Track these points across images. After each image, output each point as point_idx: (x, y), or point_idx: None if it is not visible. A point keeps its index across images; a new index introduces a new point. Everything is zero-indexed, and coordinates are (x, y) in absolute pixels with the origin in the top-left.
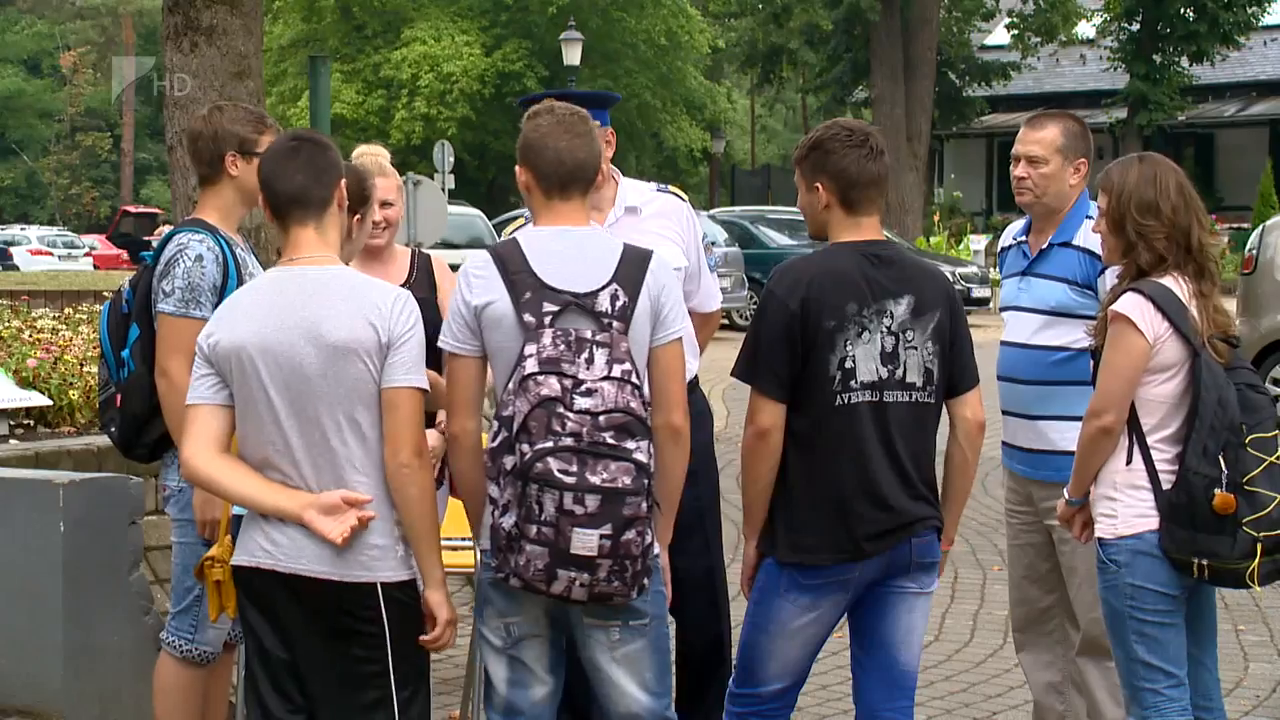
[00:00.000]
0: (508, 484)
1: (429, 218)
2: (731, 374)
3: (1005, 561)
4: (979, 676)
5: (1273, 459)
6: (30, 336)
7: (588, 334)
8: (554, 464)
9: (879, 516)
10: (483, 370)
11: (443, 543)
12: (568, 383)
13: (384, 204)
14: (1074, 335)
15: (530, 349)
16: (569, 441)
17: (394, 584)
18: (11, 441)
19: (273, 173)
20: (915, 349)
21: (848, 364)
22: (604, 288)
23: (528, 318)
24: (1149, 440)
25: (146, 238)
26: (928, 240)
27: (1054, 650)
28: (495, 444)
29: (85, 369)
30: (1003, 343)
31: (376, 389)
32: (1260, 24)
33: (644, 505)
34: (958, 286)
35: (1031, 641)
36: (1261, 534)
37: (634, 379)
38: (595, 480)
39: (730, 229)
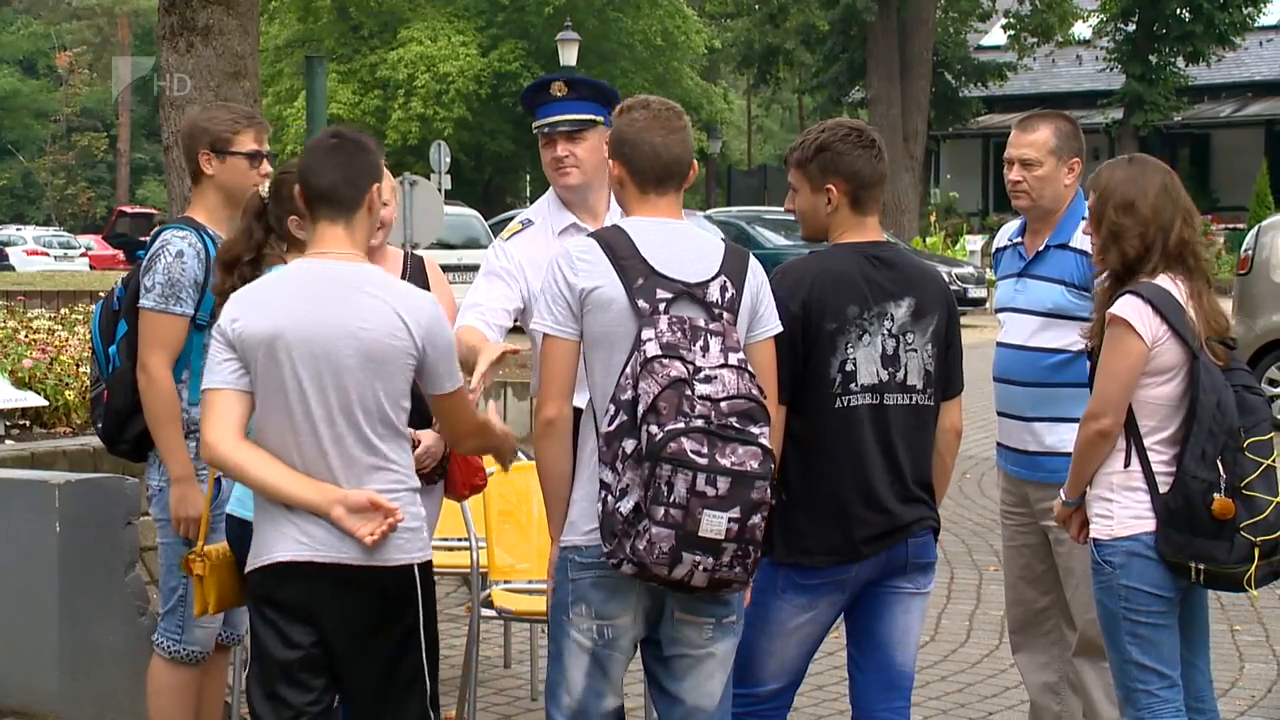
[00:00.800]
0: (628, 467)
1: (425, 218)
2: None
3: (1001, 562)
4: (975, 677)
5: (1269, 462)
6: (26, 337)
7: (701, 322)
8: (687, 444)
9: (876, 519)
10: (578, 354)
11: (436, 543)
12: (689, 368)
13: (381, 205)
14: (1071, 337)
15: (648, 333)
16: (700, 423)
17: (423, 564)
18: (7, 442)
19: (308, 167)
20: (915, 351)
21: (848, 366)
22: (714, 279)
23: (642, 303)
24: (1146, 443)
25: (142, 238)
26: (924, 240)
27: (1050, 651)
28: (612, 428)
29: (81, 369)
30: (999, 344)
31: (409, 384)
32: (1256, 24)
33: (769, 491)
34: (954, 287)
35: (1028, 642)
36: (1259, 538)
37: (749, 367)
38: (725, 463)
39: (726, 229)
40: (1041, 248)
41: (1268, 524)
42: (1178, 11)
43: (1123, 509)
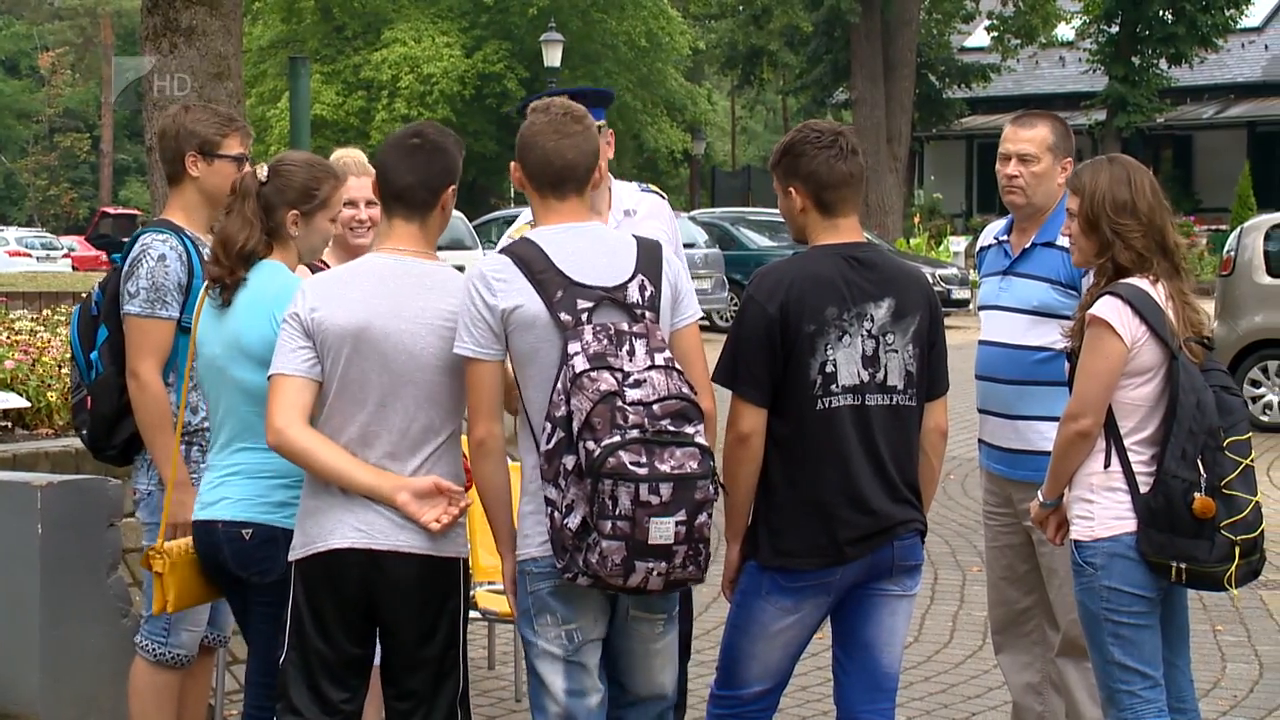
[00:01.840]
0: (571, 483)
1: None
2: (712, 379)
3: (984, 563)
4: (958, 677)
5: (1248, 462)
6: (8, 338)
7: (624, 326)
8: (625, 457)
9: (861, 520)
10: (502, 373)
11: None
12: (618, 376)
13: (370, 203)
14: (1056, 335)
15: (574, 347)
16: (635, 433)
17: (465, 559)
18: None
19: (385, 165)
20: (896, 352)
21: (828, 368)
22: (631, 279)
23: (564, 316)
24: (1126, 443)
25: (125, 239)
26: (908, 241)
27: (1032, 651)
28: (550, 445)
29: (63, 371)
30: (981, 342)
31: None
32: (1237, 26)
33: (711, 488)
34: (937, 288)
35: (1010, 643)
36: (1239, 537)
37: (677, 365)
38: (665, 468)
39: (710, 230)
40: (1028, 245)
41: (1247, 523)
42: (1160, 13)
43: (1103, 510)
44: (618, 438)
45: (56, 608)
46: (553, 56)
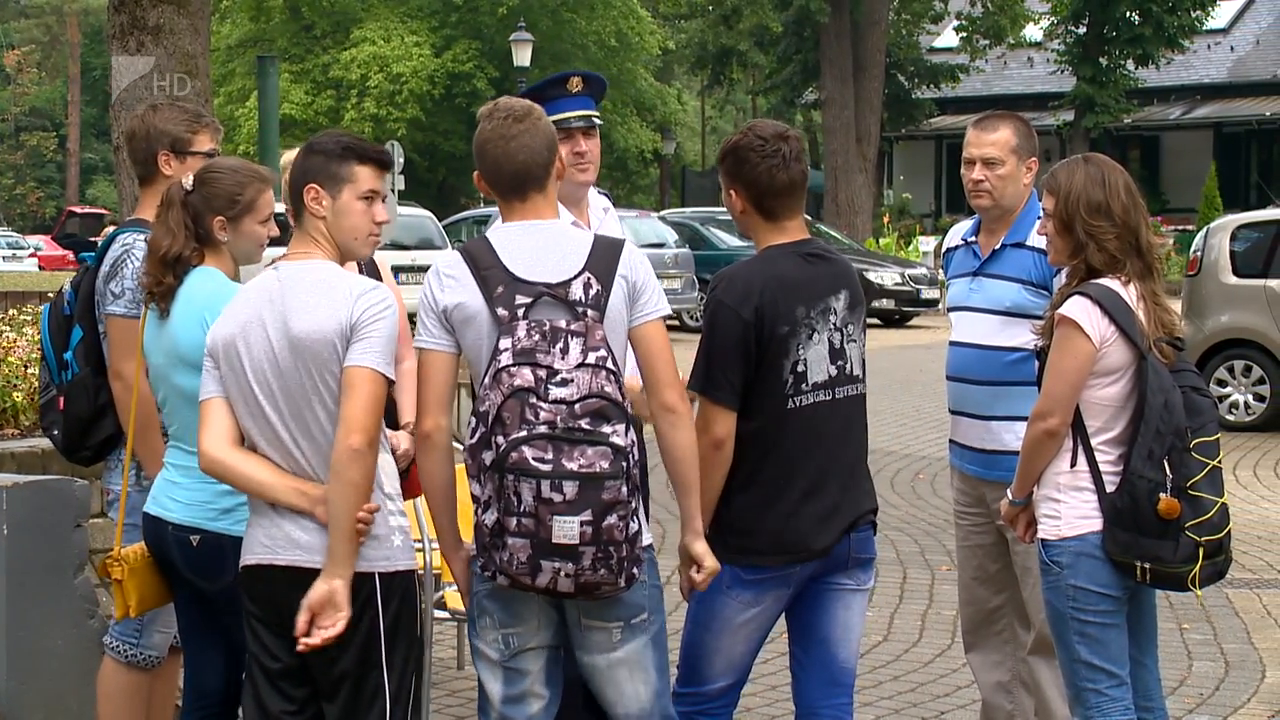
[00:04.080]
0: (487, 479)
1: None
2: (688, 387)
3: (954, 562)
4: (927, 676)
5: (1215, 463)
6: None
7: (562, 324)
8: (528, 452)
9: (823, 516)
10: (455, 367)
11: None
12: (542, 373)
13: None
14: (1029, 335)
15: (505, 343)
16: (543, 429)
17: (391, 574)
18: None
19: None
20: (855, 342)
21: (799, 367)
22: (576, 277)
23: (501, 312)
24: (1093, 443)
25: (92, 238)
26: (877, 241)
27: (1002, 650)
28: (474, 440)
29: (29, 371)
30: (952, 343)
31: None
32: (1204, 28)
33: (624, 490)
34: (906, 288)
35: (980, 642)
36: (1204, 538)
37: (610, 364)
38: (572, 466)
39: (681, 230)
40: (997, 246)
41: (1212, 524)
42: (1127, 14)
43: (1070, 509)
44: (524, 433)
45: (22, 609)
46: (522, 56)
